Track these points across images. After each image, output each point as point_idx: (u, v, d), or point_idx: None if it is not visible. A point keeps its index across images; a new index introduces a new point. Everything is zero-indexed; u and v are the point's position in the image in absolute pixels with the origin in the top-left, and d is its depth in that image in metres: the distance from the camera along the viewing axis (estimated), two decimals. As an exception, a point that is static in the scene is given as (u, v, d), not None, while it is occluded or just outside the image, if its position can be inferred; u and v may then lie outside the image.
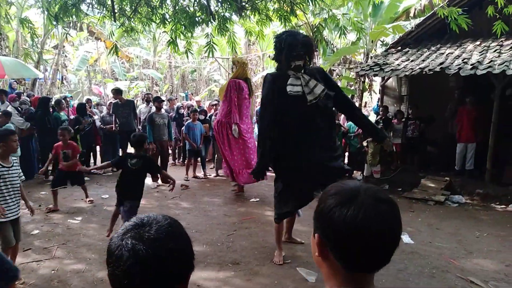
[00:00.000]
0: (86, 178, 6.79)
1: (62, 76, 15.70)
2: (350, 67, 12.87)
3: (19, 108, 7.75)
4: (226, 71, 18.52)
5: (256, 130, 7.97)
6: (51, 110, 7.74)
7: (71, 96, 13.98)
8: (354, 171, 8.20)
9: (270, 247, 4.43)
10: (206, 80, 27.60)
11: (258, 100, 9.66)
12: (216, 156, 8.43)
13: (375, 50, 12.28)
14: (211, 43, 6.24)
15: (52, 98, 9.57)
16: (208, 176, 8.29)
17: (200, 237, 4.70)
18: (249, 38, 15.47)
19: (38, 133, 7.45)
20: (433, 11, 8.29)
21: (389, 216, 0.84)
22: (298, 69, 3.64)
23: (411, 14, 10.49)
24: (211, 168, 8.84)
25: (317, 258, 0.90)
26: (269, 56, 17.48)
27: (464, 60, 6.97)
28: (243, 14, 6.55)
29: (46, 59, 15.62)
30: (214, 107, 9.44)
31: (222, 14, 6.64)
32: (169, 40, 6.78)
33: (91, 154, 8.74)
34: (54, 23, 10.09)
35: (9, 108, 7.43)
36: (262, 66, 16.60)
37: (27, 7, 13.49)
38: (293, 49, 3.58)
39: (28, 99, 8.47)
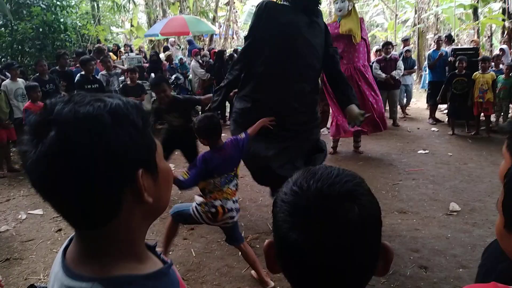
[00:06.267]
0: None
1: (234, 31, 17.00)
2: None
3: (200, 61, 8.86)
4: (393, 12, 17.03)
5: None
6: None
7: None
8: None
9: (441, 200, 4.14)
10: (367, 25, 25.98)
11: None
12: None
13: None
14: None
15: (226, 51, 10.54)
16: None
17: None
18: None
19: (216, 82, 8.43)
20: None
21: None
22: None
23: None
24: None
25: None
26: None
27: None
28: None
29: (219, 15, 17.14)
30: (378, 53, 8.86)
31: None
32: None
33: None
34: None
35: (193, 62, 8.63)
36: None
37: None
38: None
39: (209, 53, 9.56)
